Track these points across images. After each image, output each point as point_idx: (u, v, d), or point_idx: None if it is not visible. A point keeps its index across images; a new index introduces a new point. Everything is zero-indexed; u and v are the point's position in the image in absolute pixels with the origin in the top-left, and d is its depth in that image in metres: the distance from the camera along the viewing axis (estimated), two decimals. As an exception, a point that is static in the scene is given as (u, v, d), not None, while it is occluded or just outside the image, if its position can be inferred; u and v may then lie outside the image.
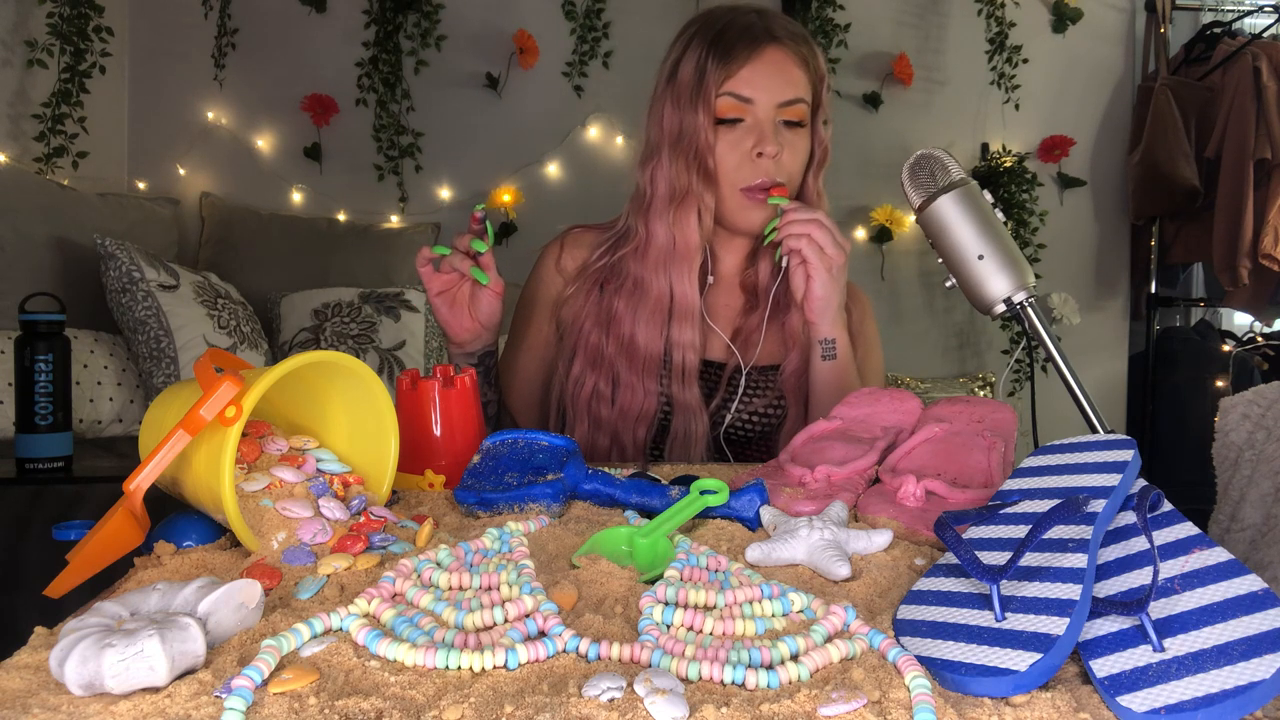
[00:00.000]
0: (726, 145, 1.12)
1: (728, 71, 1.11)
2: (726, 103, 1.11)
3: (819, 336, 1.14)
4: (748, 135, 1.12)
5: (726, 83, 1.11)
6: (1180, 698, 0.41)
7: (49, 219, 2.13)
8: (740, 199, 1.13)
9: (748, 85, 1.11)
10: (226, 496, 0.59)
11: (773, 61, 1.12)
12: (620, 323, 1.16)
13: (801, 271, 1.11)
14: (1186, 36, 3.25)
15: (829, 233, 1.09)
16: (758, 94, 1.11)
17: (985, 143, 3.24)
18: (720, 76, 1.11)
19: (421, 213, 3.03)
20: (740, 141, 1.12)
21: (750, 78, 1.11)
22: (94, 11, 2.45)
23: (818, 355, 1.14)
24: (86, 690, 0.43)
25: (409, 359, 2.49)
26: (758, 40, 1.12)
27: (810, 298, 1.11)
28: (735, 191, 1.13)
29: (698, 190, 1.13)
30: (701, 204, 1.13)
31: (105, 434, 2.04)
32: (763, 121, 1.12)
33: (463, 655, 0.45)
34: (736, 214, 1.15)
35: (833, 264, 1.09)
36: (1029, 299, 0.87)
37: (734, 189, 1.13)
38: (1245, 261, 2.89)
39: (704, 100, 1.11)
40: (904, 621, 0.51)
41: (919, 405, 0.91)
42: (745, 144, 1.12)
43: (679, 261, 1.14)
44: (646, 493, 0.73)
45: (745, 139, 1.12)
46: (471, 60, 3.01)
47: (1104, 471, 0.61)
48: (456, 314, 1.08)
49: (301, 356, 0.64)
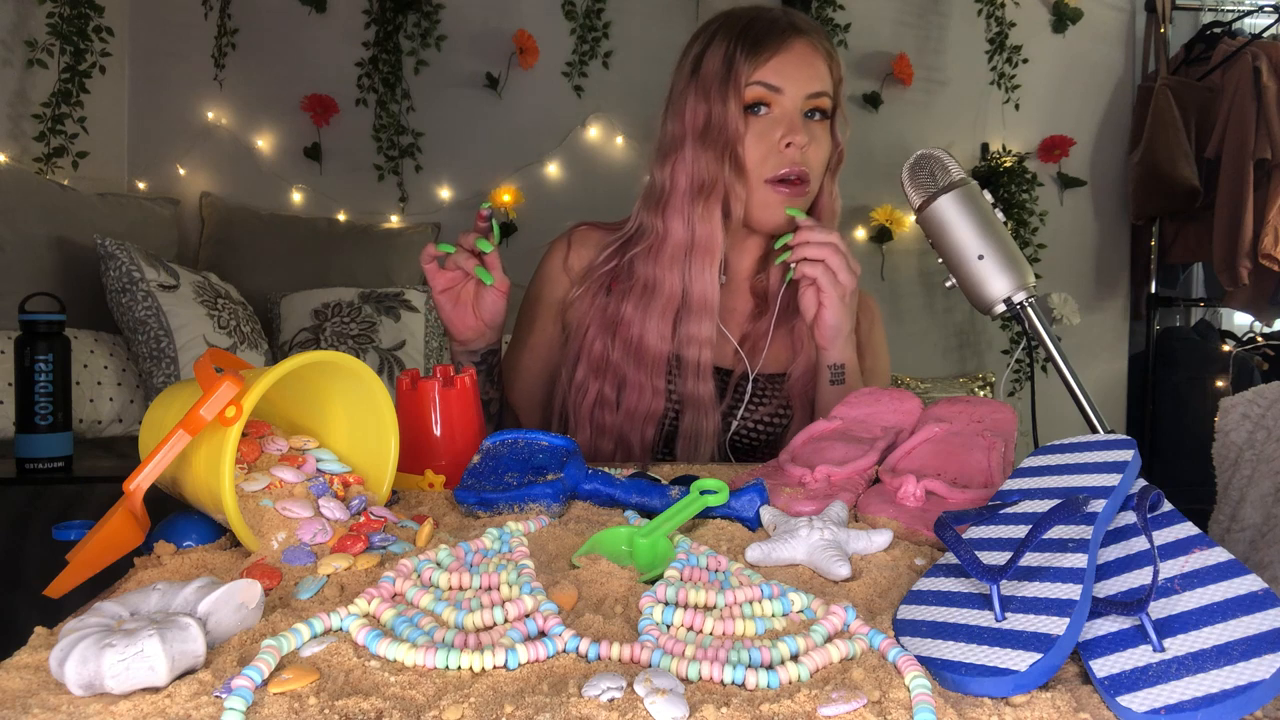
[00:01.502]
0: (754, 135, 1.11)
1: (757, 61, 1.10)
2: (755, 91, 1.11)
3: (828, 361, 1.13)
4: (776, 125, 1.11)
5: (756, 72, 1.10)
6: (1180, 698, 0.41)
7: (49, 219, 2.13)
8: (766, 192, 1.12)
9: (777, 75, 1.11)
10: (226, 496, 0.59)
11: (800, 53, 1.12)
12: (628, 325, 1.15)
13: (812, 294, 1.10)
14: (1186, 36, 3.25)
15: (843, 258, 1.08)
16: (786, 84, 1.11)
17: (985, 143, 3.24)
18: (750, 66, 1.10)
19: (421, 213, 3.03)
20: (768, 132, 1.11)
21: (780, 68, 1.11)
22: (94, 11, 2.45)
23: (826, 378, 1.14)
24: (86, 690, 0.43)
25: (409, 359, 2.49)
26: (786, 32, 1.12)
27: (821, 324, 1.11)
28: (761, 184, 1.12)
29: (728, 179, 1.11)
30: (731, 194, 1.12)
31: (105, 434, 2.04)
32: (791, 112, 1.11)
33: (463, 655, 0.45)
34: (760, 208, 1.14)
35: (845, 291, 1.09)
36: (1029, 299, 0.87)
37: (760, 181, 1.12)
38: (1245, 261, 2.89)
39: (734, 89, 1.10)
40: (904, 621, 0.51)
41: (919, 405, 0.91)
42: (773, 134, 1.11)
43: (699, 256, 1.13)
44: (646, 493, 0.73)
45: (773, 129, 1.11)
46: (471, 60, 3.02)
47: (1104, 471, 0.61)
48: (460, 312, 1.08)
49: (301, 356, 0.64)
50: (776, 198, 1.12)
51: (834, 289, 1.08)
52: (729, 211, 1.13)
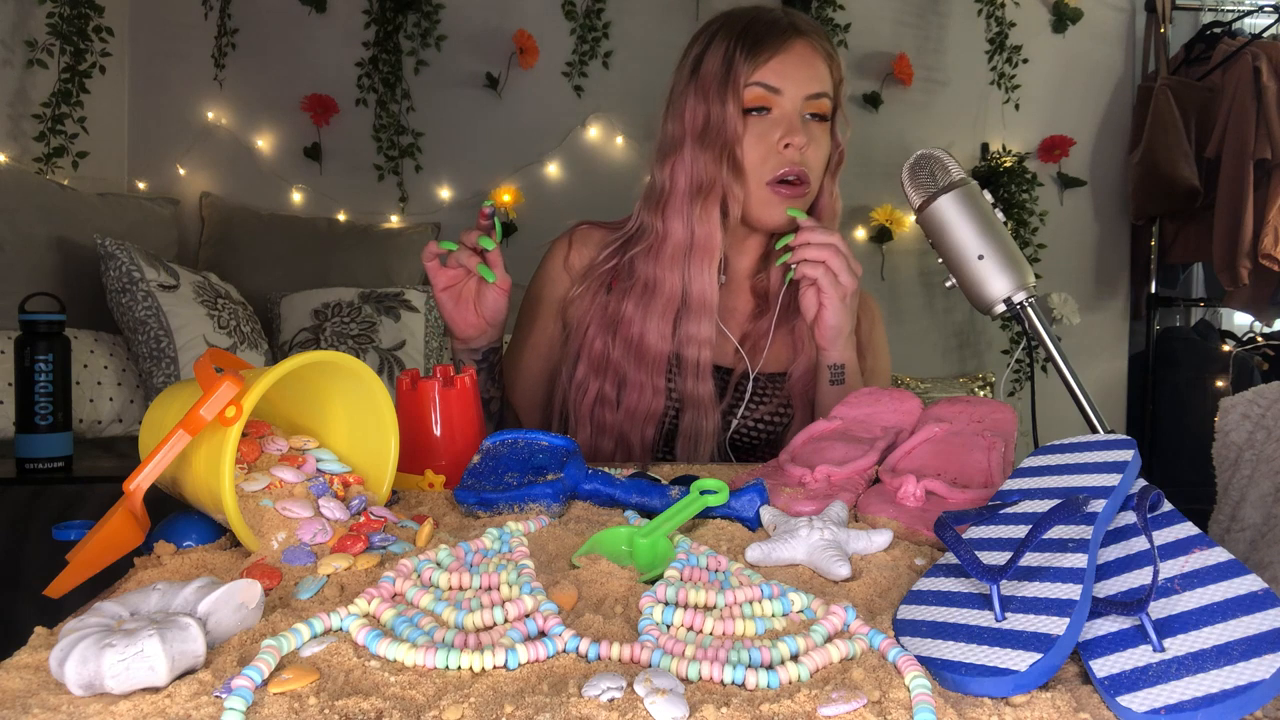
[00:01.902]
0: (754, 137, 1.12)
1: (756, 62, 1.10)
2: (755, 92, 1.11)
3: (828, 362, 1.13)
4: (775, 127, 1.11)
5: (755, 73, 1.10)
6: (1180, 698, 0.41)
7: (49, 219, 2.13)
8: (765, 193, 1.12)
9: (776, 76, 1.11)
10: (226, 496, 0.59)
11: (800, 54, 1.12)
12: (629, 324, 1.15)
13: (813, 294, 1.10)
14: (1186, 36, 3.25)
15: (844, 260, 1.08)
16: (786, 85, 1.11)
17: (985, 143, 3.24)
18: (749, 67, 1.10)
19: (421, 213, 3.03)
20: (768, 133, 1.11)
21: (779, 68, 1.11)
22: (94, 11, 2.45)
23: (825, 378, 1.14)
24: (86, 690, 0.43)
25: (409, 359, 2.49)
26: (786, 33, 1.12)
27: (821, 325, 1.11)
28: (760, 185, 1.12)
29: (726, 181, 1.11)
30: (729, 195, 1.12)
31: (105, 434, 2.04)
32: (790, 114, 1.11)
33: (463, 655, 0.45)
34: (760, 209, 1.14)
35: (845, 292, 1.09)
36: (1029, 299, 0.87)
37: (759, 183, 1.12)
38: (1245, 261, 2.89)
39: (733, 90, 1.10)
40: (904, 621, 0.51)
41: (919, 405, 0.91)
42: (772, 135, 1.11)
43: (698, 256, 1.13)
44: (646, 493, 0.73)
45: (773, 130, 1.11)
46: (471, 60, 3.01)
47: (1104, 471, 0.61)
48: (461, 310, 1.08)
49: (301, 356, 0.64)
50: (776, 198, 1.12)
51: (834, 290, 1.08)
52: (727, 212, 1.13)
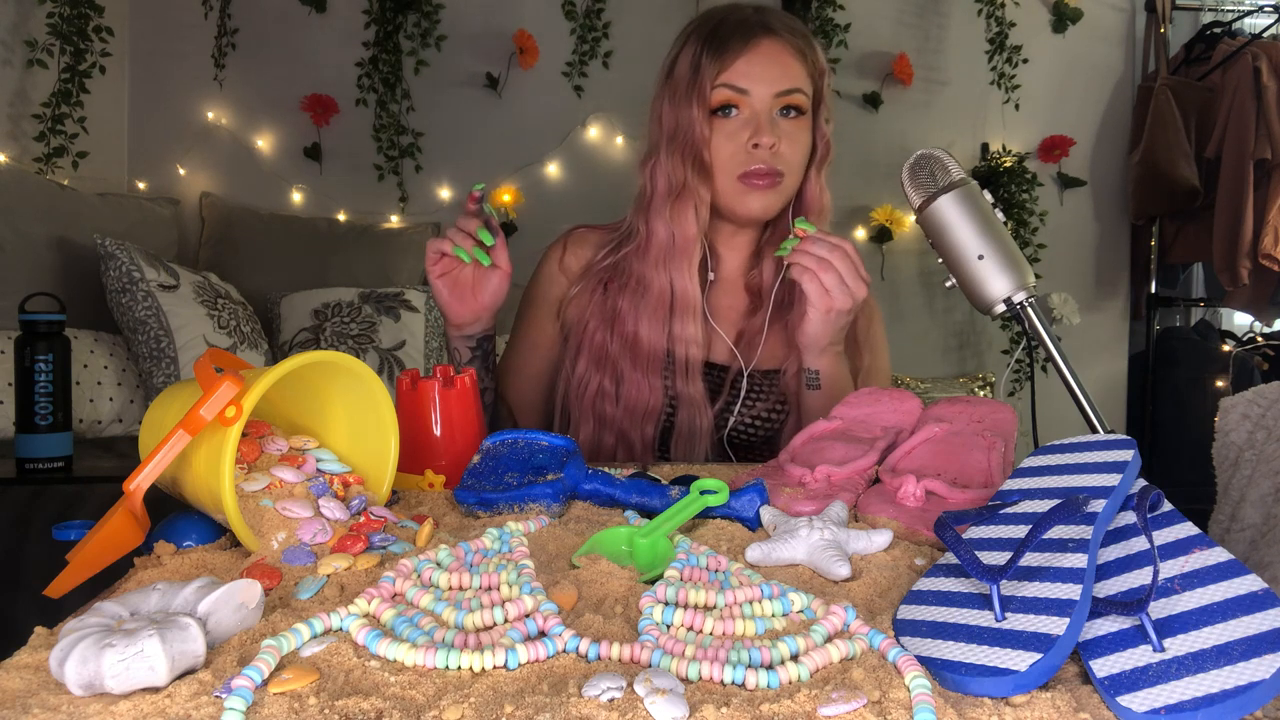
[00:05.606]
0: (723, 137, 1.12)
1: (722, 64, 1.11)
2: (722, 94, 1.11)
3: (805, 364, 1.13)
4: (745, 127, 1.12)
5: (721, 75, 1.11)
6: (1180, 698, 0.41)
7: (49, 219, 2.13)
8: (738, 186, 1.13)
9: (743, 76, 1.11)
10: (226, 496, 0.59)
11: (768, 52, 1.12)
12: (624, 320, 1.16)
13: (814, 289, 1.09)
14: (1186, 36, 3.25)
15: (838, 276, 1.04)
16: (753, 84, 1.11)
17: (985, 143, 3.24)
18: (715, 69, 1.11)
19: (422, 213, 3.03)
20: (737, 133, 1.12)
21: (745, 69, 1.11)
22: (94, 11, 2.45)
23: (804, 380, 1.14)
24: (86, 690, 0.43)
25: (409, 359, 2.49)
26: (752, 32, 1.12)
27: (800, 331, 1.10)
28: (733, 180, 1.13)
29: (693, 184, 1.12)
30: (697, 198, 1.13)
31: (105, 434, 2.04)
32: (759, 113, 1.11)
33: (463, 655, 0.45)
34: (734, 201, 1.14)
35: (831, 306, 1.05)
36: (1029, 299, 0.87)
37: (731, 177, 1.13)
38: (1245, 261, 2.89)
39: (699, 94, 1.11)
40: (904, 621, 0.51)
41: (919, 405, 0.91)
42: (741, 136, 1.11)
43: (678, 256, 1.14)
44: (646, 493, 0.73)
45: (742, 130, 1.12)
46: (471, 60, 3.01)
47: (1104, 471, 0.61)
48: (457, 296, 1.09)
49: (301, 356, 0.64)
50: (746, 189, 1.13)
51: (820, 300, 1.06)
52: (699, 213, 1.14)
